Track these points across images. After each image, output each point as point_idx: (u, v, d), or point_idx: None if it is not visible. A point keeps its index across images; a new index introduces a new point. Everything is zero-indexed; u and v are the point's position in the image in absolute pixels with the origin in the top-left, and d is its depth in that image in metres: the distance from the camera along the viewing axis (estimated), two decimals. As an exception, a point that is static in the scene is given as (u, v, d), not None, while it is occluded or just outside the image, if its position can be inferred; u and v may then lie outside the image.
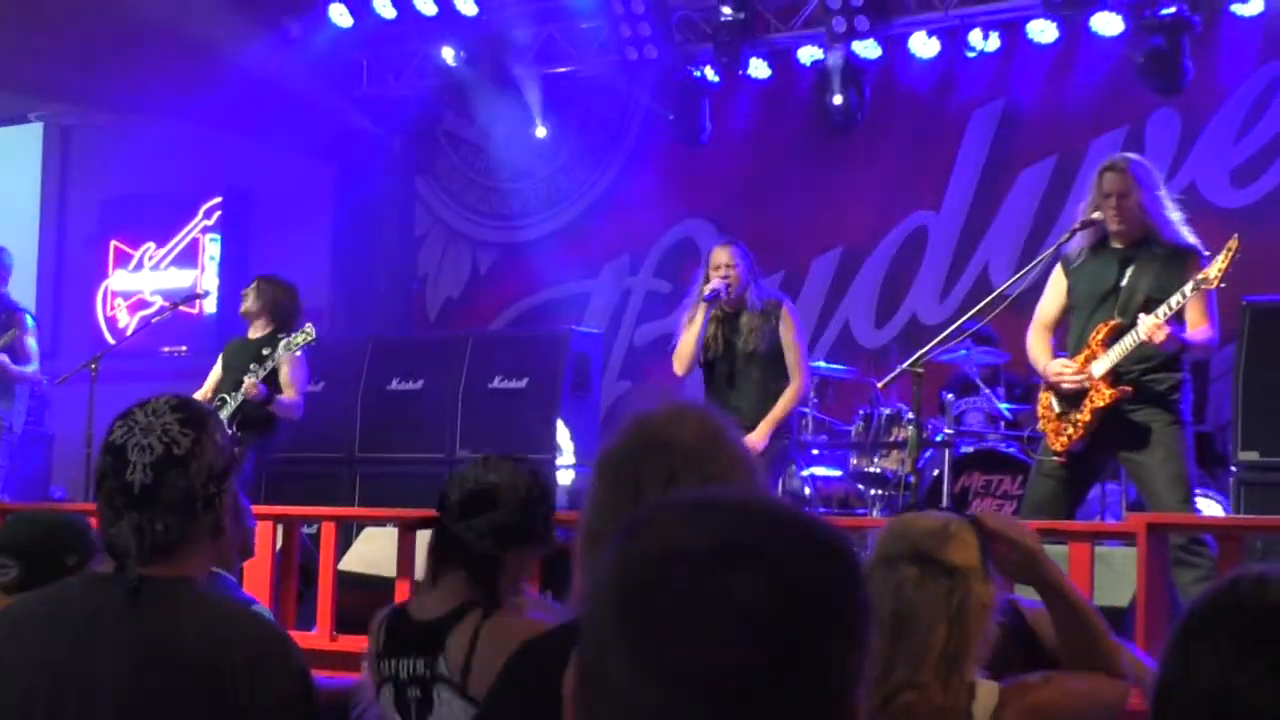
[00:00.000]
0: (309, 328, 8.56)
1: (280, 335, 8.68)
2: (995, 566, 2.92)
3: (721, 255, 7.85)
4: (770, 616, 1.19)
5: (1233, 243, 6.34)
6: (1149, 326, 6.31)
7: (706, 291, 7.76)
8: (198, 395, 8.75)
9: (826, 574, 1.23)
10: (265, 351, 8.58)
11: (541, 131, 12.12)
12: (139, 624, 2.57)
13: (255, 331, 8.83)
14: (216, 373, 8.87)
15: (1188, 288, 6.36)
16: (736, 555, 1.21)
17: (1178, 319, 6.41)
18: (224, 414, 8.50)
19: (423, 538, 7.17)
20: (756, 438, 7.64)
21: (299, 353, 8.57)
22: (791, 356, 7.81)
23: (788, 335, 7.82)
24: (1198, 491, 6.86)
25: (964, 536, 2.95)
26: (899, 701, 2.84)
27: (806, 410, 8.94)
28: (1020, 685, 2.95)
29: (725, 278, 7.75)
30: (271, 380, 8.54)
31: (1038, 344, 6.87)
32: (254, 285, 8.90)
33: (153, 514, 2.61)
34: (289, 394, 8.60)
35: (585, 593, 1.28)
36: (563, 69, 11.94)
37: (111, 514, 2.64)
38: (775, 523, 1.25)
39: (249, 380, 8.42)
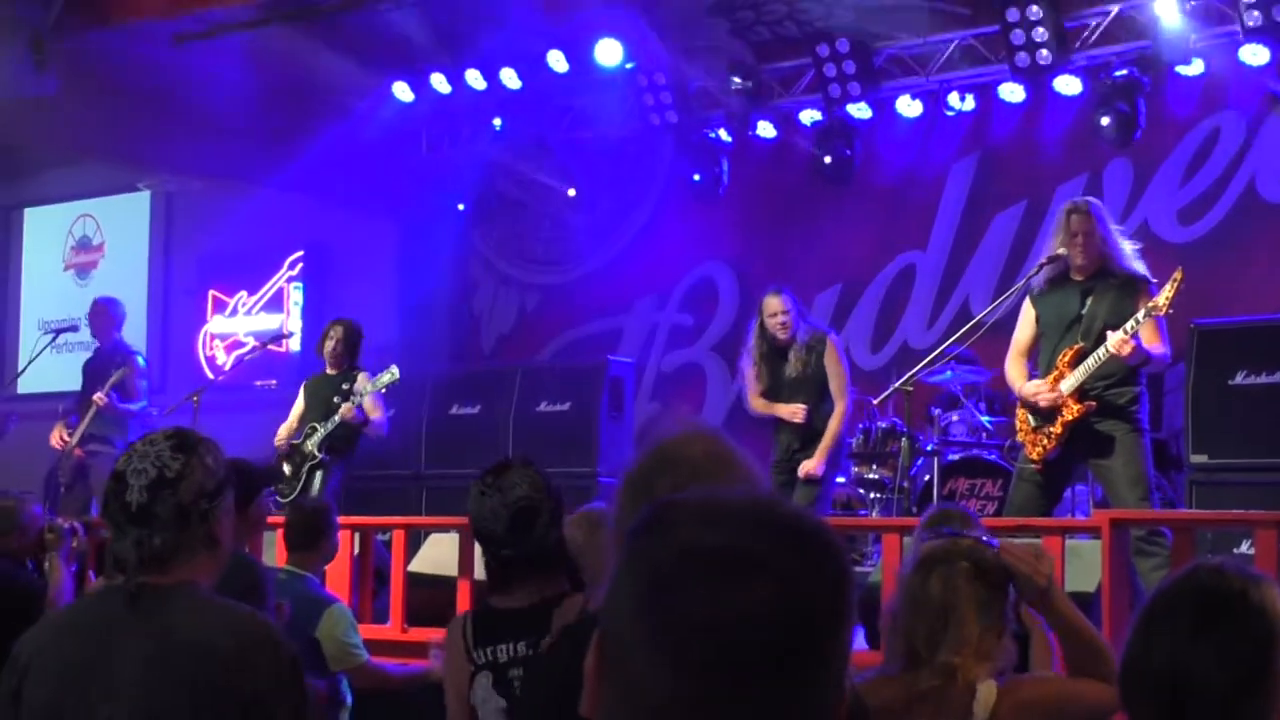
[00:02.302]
0: (394, 369, 8.57)
1: (354, 371, 8.72)
2: (1014, 588, 2.96)
3: (774, 303, 7.83)
4: (775, 616, 1.18)
5: (1177, 274, 6.36)
6: (1117, 341, 6.32)
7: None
8: (284, 426, 8.81)
9: (824, 572, 1.22)
10: (345, 386, 8.61)
11: (572, 192, 12.18)
12: (142, 625, 2.59)
13: (333, 368, 8.86)
14: (299, 406, 8.89)
15: (1140, 314, 6.37)
16: (743, 556, 1.20)
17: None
18: (315, 439, 8.55)
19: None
20: (814, 463, 7.63)
21: (384, 390, 8.63)
22: (835, 383, 7.77)
23: (832, 364, 7.77)
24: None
25: (1004, 563, 2.99)
26: (929, 692, 2.87)
27: (851, 440, 8.73)
28: (1015, 682, 2.97)
29: (783, 324, 7.73)
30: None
31: (1014, 369, 6.88)
32: (336, 330, 8.91)
33: (149, 529, 2.63)
34: (377, 415, 8.65)
35: (609, 581, 1.27)
36: (594, 134, 11.96)
37: (116, 531, 2.67)
38: (778, 524, 1.23)
39: (346, 406, 8.47)
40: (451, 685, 3.67)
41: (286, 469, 8.71)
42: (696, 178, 11.57)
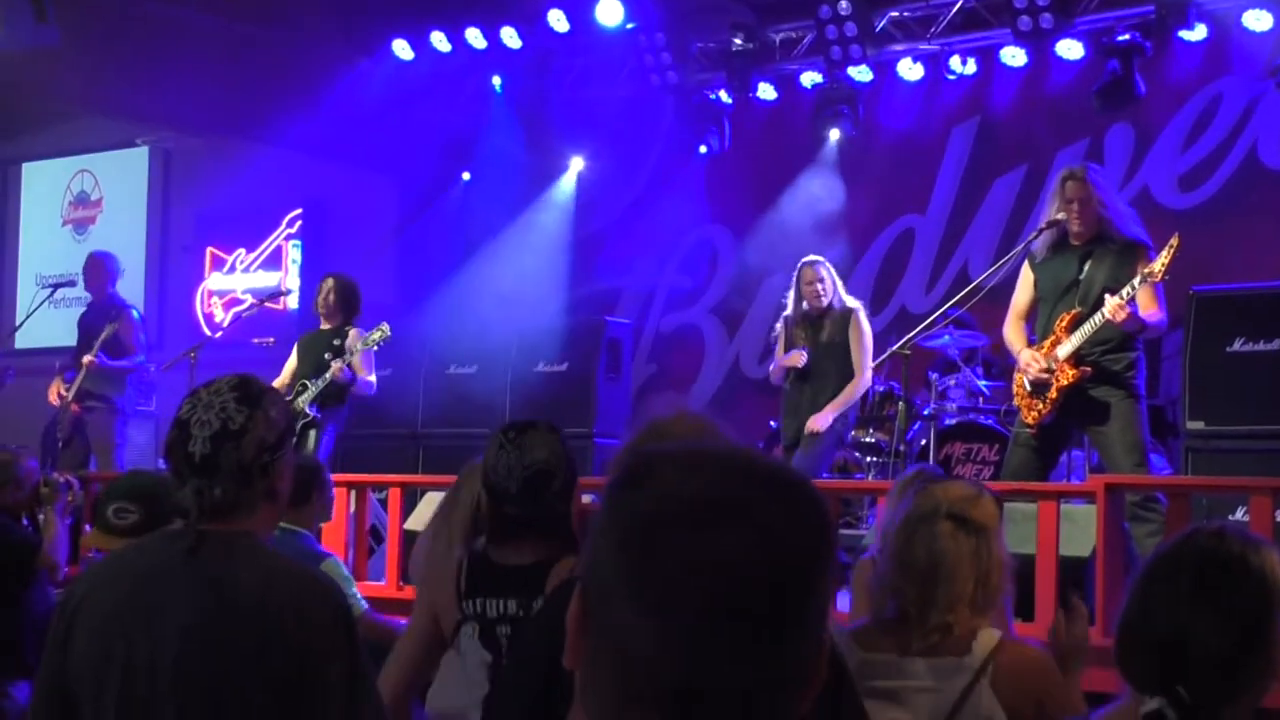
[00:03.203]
0: (385, 326, 8.53)
1: (348, 327, 8.68)
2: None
3: (809, 273, 8.08)
4: (756, 563, 1.18)
5: (1174, 241, 6.36)
6: (1112, 306, 6.30)
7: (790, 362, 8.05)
8: (277, 382, 8.77)
9: (806, 520, 1.22)
10: (337, 342, 8.57)
11: (579, 163, 12.15)
12: (200, 573, 2.59)
13: (327, 322, 8.82)
14: (293, 361, 8.85)
15: (1136, 280, 6.36)
16: (724, 503, 1.19)
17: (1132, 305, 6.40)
18: (306, 397, 8.51)
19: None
20: (818, 418, 7.85)
21: (375, 348, 8.58)
22: (856, 355, 7.96)
23: (855, 337, 8.01)
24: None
25: (987, 502, 3.06)
26: (929, 642, 2.89)
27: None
28: (1019, 643, 2.99)
29: (818, 294, 8.00)
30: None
31: (1013, 333, 6.88)
32: (330, 284, 8.86)
33: (211, 480, 2.63)
34: (365, 375, 8.62)
35: (590, 532, 1.26)
36: (594, 94, 11.91)
37: (177, 480, 2.67)
38: (758, 472, 1.23)
39: (336, 365, 8.42)
40: (426, 610, 3.63)
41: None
42: (704, 150, 11.54)
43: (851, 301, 8.20)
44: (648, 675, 1.18)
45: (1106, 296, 6.41)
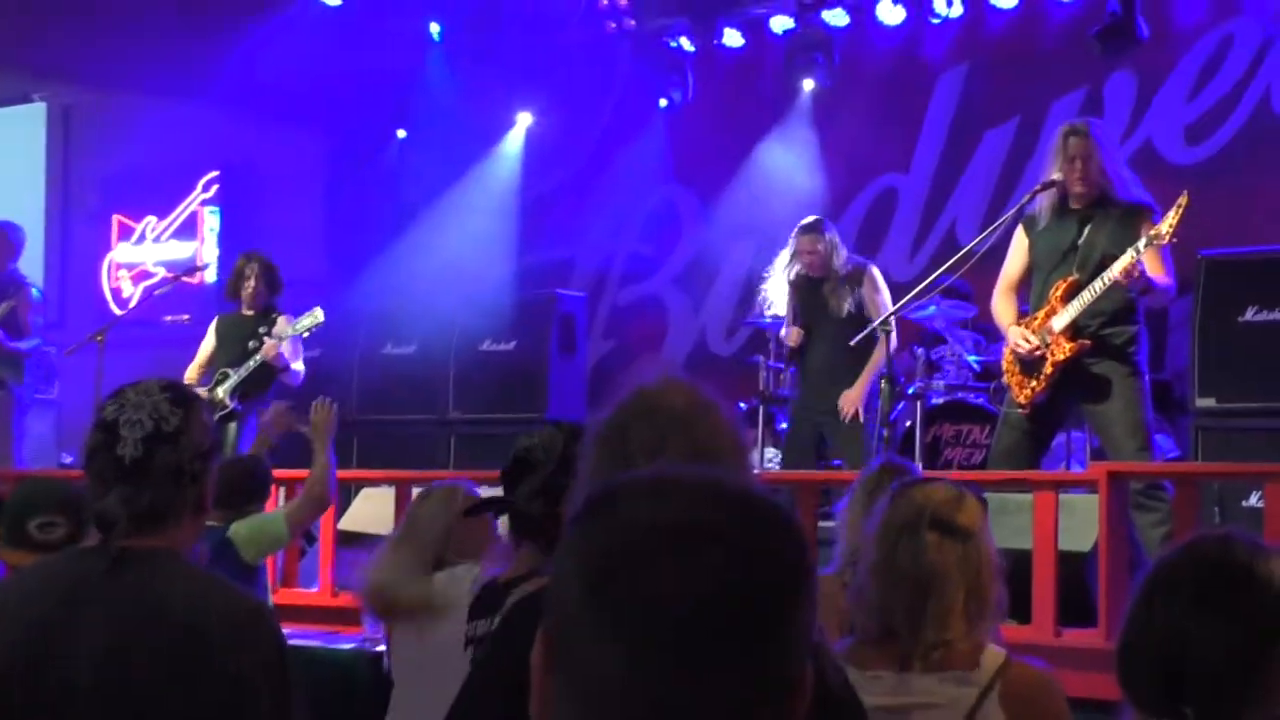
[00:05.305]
0: (318, 311, 8.51)
1: (274, 314, 8.63)
2: None
3: (803, 242, 8.26)
4: (729, 589, 1.21)
5: (1182, 199, 6.39)
6: (1125, 263, 6.32)
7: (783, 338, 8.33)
8: (192, 366, 8.75)
9: (779, 546, 1.26)
10: (263, 330, 8.54)
11: (527, 118, 12.15)
12: (121, 592, 2.59)
13: (250, 308, 8.77)
14: (211, 345, 8.81)
15: (1141, 243, 6.39)
16: (693, 530, 1.23)
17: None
18: (227, 387, 8.49)
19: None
20: (856, 392, 8.06)
21: (306, 335, 8.56)
22: (875, 316, 7.95)
23: (871, 295, 8.15)
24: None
25: (972, 504, 3.09)
26: (930, 659, 2.93)
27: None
28: (1025, 662, 3.03)
29: (809, 263, 8.18)
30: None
31: (1003, 304, 6.93)
32: (255, 267, 8.79)
33: (140, 487, 2.64)
34: (294, 363, 8.61)
35: (554, 568, 1.30)
36: (543, 41, 11.88)
37: (101, 487, 2.67)
38: (728, 497, 1.27)
39: (270, 344, 8.39)
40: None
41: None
42: (664, 103, 11.53)
43: (857, 261, 8.34)
44: (621, 709, 1.22)
45: (1108, 264, 6.45)
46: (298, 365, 8.64)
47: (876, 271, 8.31)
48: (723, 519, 1.25)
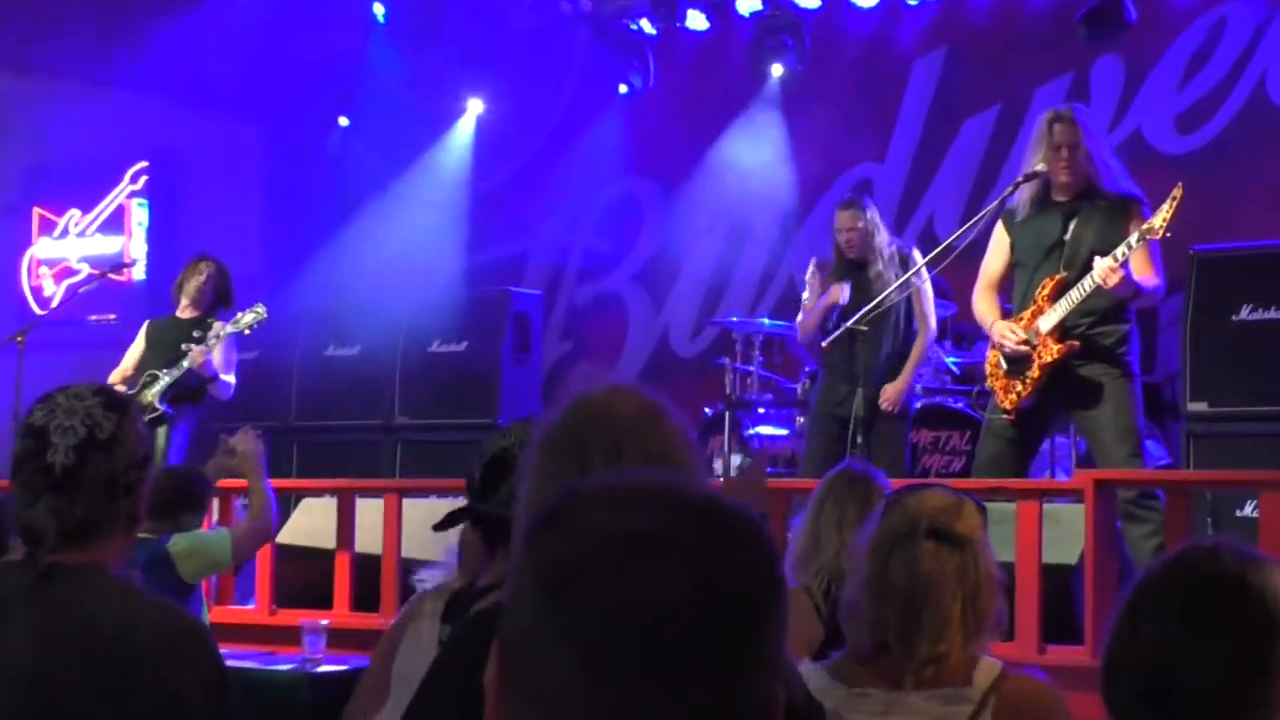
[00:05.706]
0: (260, 308, 8.47)
1: (210, 320, 8.58)
2: None
3: (842, 218, 7.98)
4: (692, 598, 1.22)
5: (1177, 191, 6.41)
6: (1104, 270, 6.34)
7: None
8: (117, 370, 8.70)
9: (744, 556, 1.27)
10: (197, 334, 8.49)
11: (478, 105, 12.12)
12: (49, 609, 2.59)
13: (186, 312, 8.73)
14: (140, 348, 8.77)
15: (1133, 238, 6.41)
16: (653, 540, 1.24)
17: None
18: (156, 390, 8.44)
19: (369, 507, 7.18)
20: (897, 387, 7.77)
21: (247, 331, 8.51)
22: (917, 305, 7.94)
23: (917, 282, 7.86)
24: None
25: (970, 511, 3.12)
26: (922, 675, 2.94)
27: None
28: (1023, 674, 3.03)
29: (848, 241, 7.92)
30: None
31: (984, 303, 6.93)
32: (209, 269, 8.75)
33: (73, 497, 2.64)
34: (224, 375, 8.55)
35: (509, 582, 1.30)
36: (495, 24, 11.87)
37: (29, 497, 2.66)
38: (689, 506, 1.28)
39: (197, 350, 8.33)
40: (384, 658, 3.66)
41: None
42: (624, 89, 11.53)
43: (903, 246, 8.13)
44: None
45: (1096, 260, 6.46)
46: (228, 377, 8.57)
47: (919, 255, 7.96)
48: (687, 526, 1.25)
